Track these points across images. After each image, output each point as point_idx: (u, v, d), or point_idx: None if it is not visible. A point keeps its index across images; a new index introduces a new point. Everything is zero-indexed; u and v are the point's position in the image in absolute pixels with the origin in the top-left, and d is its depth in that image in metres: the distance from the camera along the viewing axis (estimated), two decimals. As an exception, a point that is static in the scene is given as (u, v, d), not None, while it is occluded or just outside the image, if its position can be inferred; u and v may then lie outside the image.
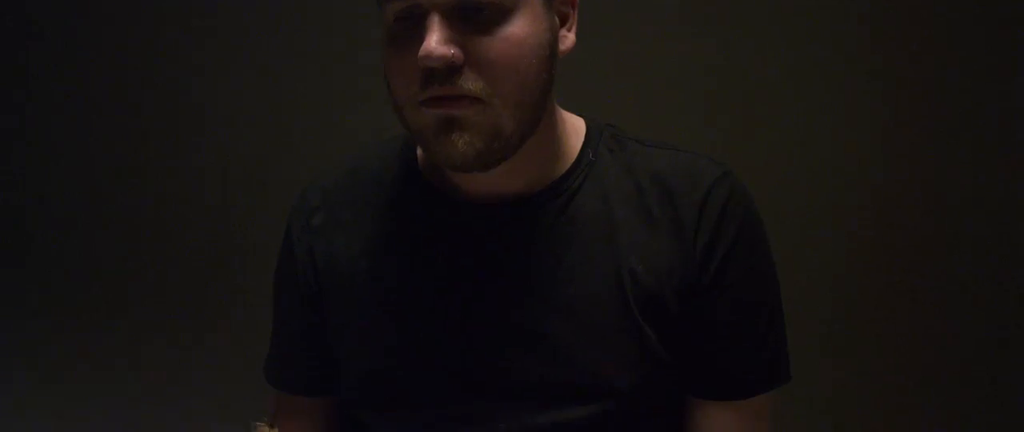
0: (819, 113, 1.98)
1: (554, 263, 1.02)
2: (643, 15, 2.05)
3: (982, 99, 1.91)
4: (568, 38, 0.99)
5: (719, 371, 1.03)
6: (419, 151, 1.09)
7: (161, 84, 2.53)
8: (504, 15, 0.89)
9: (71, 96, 2.65)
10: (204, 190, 2.51)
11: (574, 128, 1.08)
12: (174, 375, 2.54)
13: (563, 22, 0.98)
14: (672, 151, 1.07)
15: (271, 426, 1.13)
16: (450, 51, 0.87)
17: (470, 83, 0.89)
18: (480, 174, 0.95)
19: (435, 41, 0.87)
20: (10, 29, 2.70)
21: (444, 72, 0.88)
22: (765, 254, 1.06)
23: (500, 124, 0.91)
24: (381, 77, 0.95)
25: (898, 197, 1.97)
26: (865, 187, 1.98)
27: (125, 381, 2.60)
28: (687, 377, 1.05)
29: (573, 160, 1.05)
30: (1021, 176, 1.92)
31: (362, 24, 1.95)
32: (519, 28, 0.90)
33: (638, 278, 1.01)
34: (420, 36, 0.88)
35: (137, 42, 2.54)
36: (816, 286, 1.99)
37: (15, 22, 2.70)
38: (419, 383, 1.03)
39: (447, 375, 1.02)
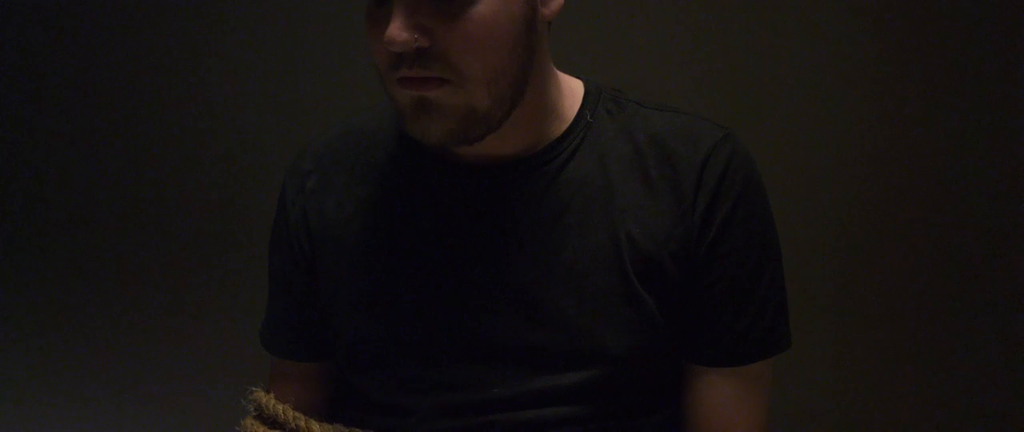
0: (821, 109, 1.97)
1: (549, 227, 1.00)
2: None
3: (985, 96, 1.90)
4: (553, 2, 0.97)
5: (717, 337, 1.02)
6: None
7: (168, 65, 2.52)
8: None
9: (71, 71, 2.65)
10: (210, 154, 2.50)
11: (571, 90, 1.06)
12: (173, 339, 2.54)
13: None
14: (672, 113, 1.05)
15: (267, 391, 1.12)
16: (409, 37, 0.87)
17: (438, 66, 0.89)
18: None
19: (396, 27, 0.87)
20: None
21: (411, 55, 0.88)
22: (766, 218, 1.04)
23: (473, 103, 0.91)
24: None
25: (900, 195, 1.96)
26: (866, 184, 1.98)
27: (123, 345, 2.60)
28: (685, 343, 1.03)
29: (569, 123, 1.04)
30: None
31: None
32: (487, 7, 0.89)
33: (635, 242, 0.99)
34: (389, 18, 0.89)
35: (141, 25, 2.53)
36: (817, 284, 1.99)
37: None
38: (411, 346, 1.02)
39: (439, 339, 1.01)
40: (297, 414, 1.07)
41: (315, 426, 1.04)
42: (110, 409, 2.55)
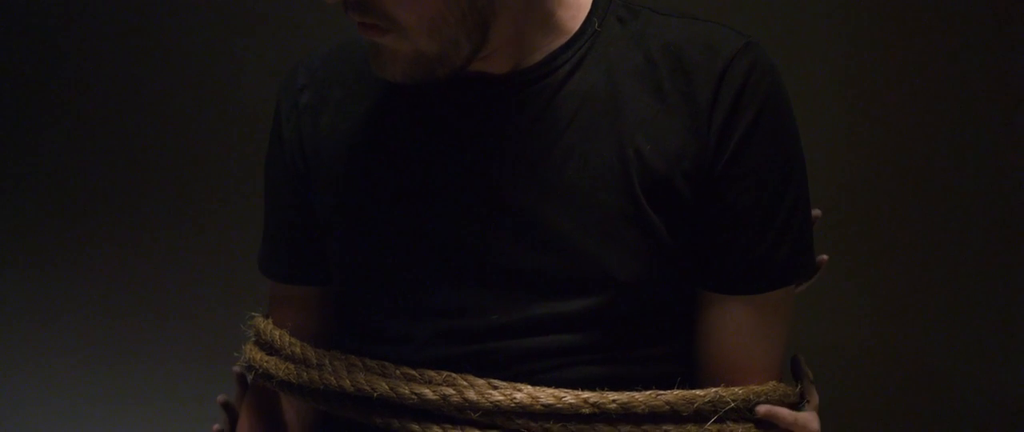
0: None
1: (551, 143, 0.94)
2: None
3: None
4: None
5: (733, 263, 0.96)
6: None
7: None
8: None
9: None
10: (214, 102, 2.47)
11: (576, 1, 0.99)
12: (172, 265, 2.50)
13: None
14: (690, 20, 0.99)
15: (266, 317, 1.09)
16: None
17: (375, 15, 0.88)
18: None
19: None
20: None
21: (354, 2, 0.88)
22: (790, 135, 0.97)
23: (420, 49, 0.89)
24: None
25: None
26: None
27: (122, 270, 2.57)
28: (698, 268, 0.97)
29: (572, 34, 0.97)
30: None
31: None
32: None
33: (644, 159, 0.93)
34: None
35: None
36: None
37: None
38: (406, 269, 0.98)
39: (433, 261, 0.97)
40: (293, 340, 1.03)
41: (310, 352, 1.01)
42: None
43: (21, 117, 2.70)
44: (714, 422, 0.95)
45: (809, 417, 1.00)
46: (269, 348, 1.05)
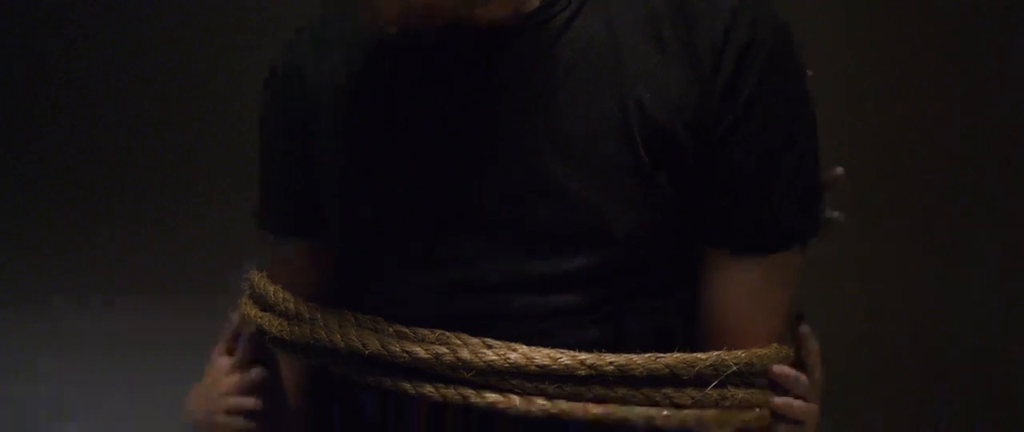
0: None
1: (548, 93, 0.92)
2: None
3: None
4: None
5: (738, 221, 0.93)
6: None
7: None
8: None
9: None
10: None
11: None
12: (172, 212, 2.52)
13: None
14: None
15: (261, 272, 1.08)
16: None
17: None
18: None
19: None
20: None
21: None
22: (800, 90, 0.94)
23: None
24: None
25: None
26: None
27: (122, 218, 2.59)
28: (701, 226, 0.94)
29: None
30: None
31: None
32: None
33: (645, 110, 0.90)
34: None
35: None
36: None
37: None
38: (400, 222, 0.96)
39: (430, 214, 0.95)
40: (286, 295, 1.02)
41: (303, 307, 1.00)
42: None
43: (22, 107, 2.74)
44: (715, 386, 0.93)
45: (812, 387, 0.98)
46: (263, 303, 1.03)
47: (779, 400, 0.97)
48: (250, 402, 1.07)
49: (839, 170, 1.03)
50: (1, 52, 2.80)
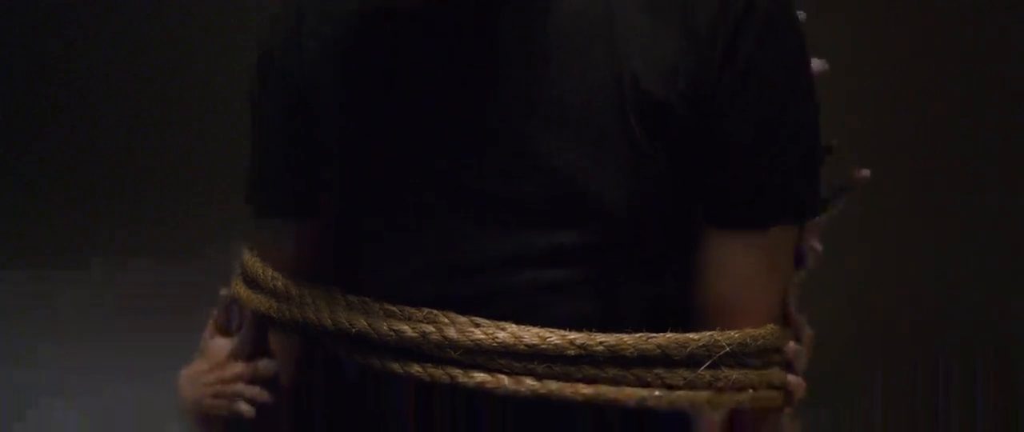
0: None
1: (540, 64, 0.90)
2: None
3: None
4: None
5: (734, 192, 0.91)
6: None
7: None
8: None
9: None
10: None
11: None
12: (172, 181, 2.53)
13: None
14: None
15: (253, 251, 1.06)
16: None
17: None
18: None
19: None
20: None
21: None
22: (800, 59, 0.92)
23: None
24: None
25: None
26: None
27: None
28: (696, 200, 0.93)
29: None
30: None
31: None
32: None
33: (639, 81, 0.88)
34: None
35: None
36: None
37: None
38: (390, 198, 0.95)
39: (419, 190, 0.93)
40: (275, 274, 1.01)
41: (292, 286, 0.98)
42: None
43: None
44: (708, 367, 0.91)
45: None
46: (253, 283, 1.02)
47: (793, 379, 0.95)
48: (264, 395, 1.05)
49: (865, 172, 1.00)
50: (1, 52, 2.80)
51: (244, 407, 1.04)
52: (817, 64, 0.97)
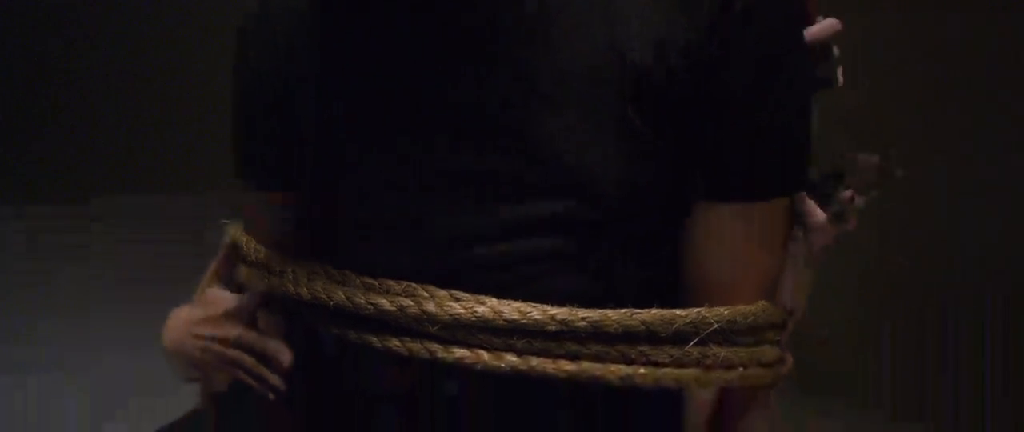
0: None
1: (525, 35, 0.88)
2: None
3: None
4: None
5: (721, 165, 0.88)
6: None
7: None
8: None
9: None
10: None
11: None
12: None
13: None
14: None
15: (242, 227, 1.05)
16: None
17: None
18: None
19: None
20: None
21: None
22: (792, 34, 0.90)
23: None
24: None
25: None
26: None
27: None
28: (689, 173, 0.90)
29: None
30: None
31: None
32: None
33: (630, 54, 0.86)
34: None
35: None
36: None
37: None
38: (373, 167, 0.93)
39: (405, 160, 0.91)
40: (258, 246, 0.99)
41: (273, 258, 0.97)
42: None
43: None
44: (695, 344, 0.89)
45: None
46: (237, 254, 1.01)
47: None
48: (274, 379, 1.00)
49: (874, 158, 0.97)
50: (1, 52, 2.80)
51: (243, 376, 1.01)
52: (829, 24, 0.94)
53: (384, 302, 0.89)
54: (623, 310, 0.88)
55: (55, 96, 2.78)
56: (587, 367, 0.88)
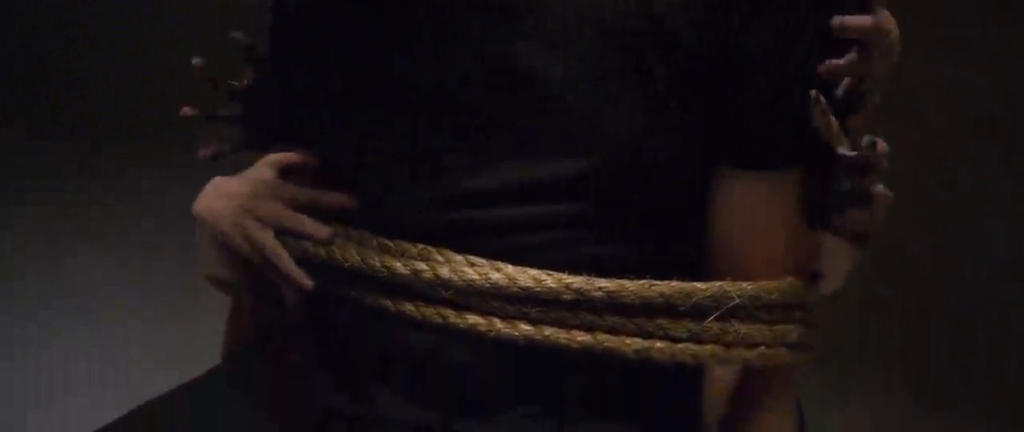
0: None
1: None
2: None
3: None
4: None
5: (746, 131, 0.85)
6: None
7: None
8: None
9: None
10: None
11: None
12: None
13: None
14: None
15: None
16: None
17: None
18: None
19: None
20: None
21: None
22: (811, 3, 0.84)
23: None
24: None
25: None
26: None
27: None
28: (706, 137, 0.86)
29: None
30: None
31: None
32: None
33: (652, 6, 0.82)
34: None
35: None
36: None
37: None
38: (384, 126, 0.89)
39: (414, 118, 0.88)
40: None
41: None
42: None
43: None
44: (715, 319, 0.85)
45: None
46: None
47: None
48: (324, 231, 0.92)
49: (882, 144, 0.90)
50: (1, 52, 2.78)
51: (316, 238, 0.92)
52: (865, 19, 0.89)
53: (399, 265, 0.86)
54: (641, 281, 0.85)
55: (55, 96, 2.76)
56: (602, 339, 0.85)
